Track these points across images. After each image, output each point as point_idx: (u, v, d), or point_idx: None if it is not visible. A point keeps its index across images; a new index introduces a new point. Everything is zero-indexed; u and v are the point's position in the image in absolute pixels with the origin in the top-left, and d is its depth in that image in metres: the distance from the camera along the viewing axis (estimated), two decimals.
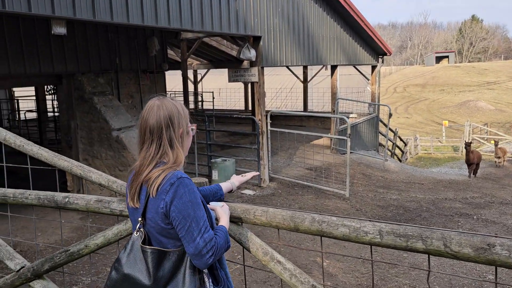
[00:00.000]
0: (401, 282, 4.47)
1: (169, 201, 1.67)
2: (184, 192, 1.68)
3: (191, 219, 1.67)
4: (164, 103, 1.80)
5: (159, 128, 1.76)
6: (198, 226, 1.68)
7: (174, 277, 1.73)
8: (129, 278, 1.75)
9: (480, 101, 41.03)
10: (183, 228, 1.67)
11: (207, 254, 1.68)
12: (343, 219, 1.87)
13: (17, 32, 7.00)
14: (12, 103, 16.97)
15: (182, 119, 1.81)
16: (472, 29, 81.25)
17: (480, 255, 1.52)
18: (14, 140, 2.93)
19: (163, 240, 1.75)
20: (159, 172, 1.72)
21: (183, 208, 1.66)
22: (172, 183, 1.68)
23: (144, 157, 1.77)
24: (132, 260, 1.76)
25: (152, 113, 1.78)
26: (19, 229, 6.52)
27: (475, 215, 7.64)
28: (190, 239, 1.67)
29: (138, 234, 1.78)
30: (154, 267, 1.72)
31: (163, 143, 1.76)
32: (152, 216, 1.73)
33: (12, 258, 3.08)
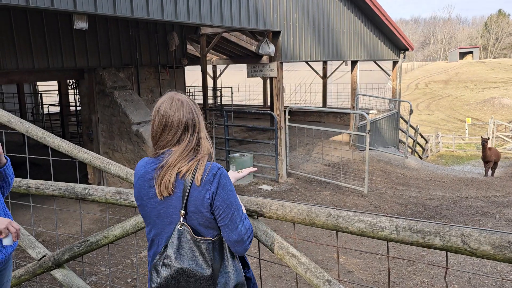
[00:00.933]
0: (419, 280, 4.41)
1: (214, 191, 1.71)
2: (226, 182, 1.74)
3: (233, 208, 1.74)
4: (183, 99, 1.83)
5: (193, 122, 1.79)
6: (239, 214, 1.76)
7: (223, 265, 1.79)
8: (185, 272, 1.74)
9: (505, 98, 39.98)
10: (227, 216, 1.73)
11: (247, 240, 1.77)
12: (359, 214, 1.86)
13: (41, 27, 7.15)
14: (36, 97, 17.36)
15: (200, 112, 1.87)
16: (498, 24, 79.14)
17: (500, 252, 1.48)
18: (36, 132, 3.00)
19: (203, 230, 1.77)
20: (195, 162, 1.74)
21: (226, 197, 1.72)
22: (214, 173, 1.72)
23: (183, 150, 1.75)
24: (184, 253, 1.75)
25: (179, 108, 1.78)
26: (42, 219, 6.68)
27: (497, 214, 7.47)
28: (233, 226, 1.74)
29: (182, 228, 1.76)
30: (211, 257, 1.75)
31: (196, 136, 1.79)
32: (195, 208, 1.73)
33: (34, 247, 3.16)
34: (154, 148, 1.84)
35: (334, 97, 18.78)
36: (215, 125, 9.34)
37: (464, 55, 66.98)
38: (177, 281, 1.75)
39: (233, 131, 14.16)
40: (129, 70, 8.74)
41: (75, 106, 13.79)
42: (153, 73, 9.32)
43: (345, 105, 17.73)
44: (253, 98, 21.97)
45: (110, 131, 8.29)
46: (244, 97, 21.69)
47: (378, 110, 15.27)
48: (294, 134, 11.69)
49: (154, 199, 1.79)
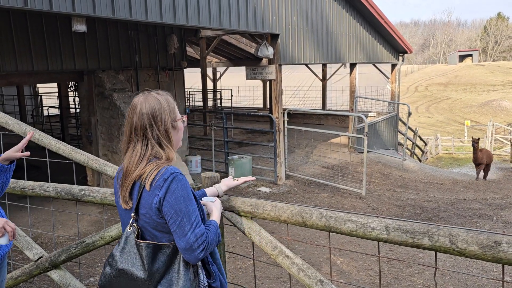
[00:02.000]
0: (415, 282, 4.43)
1: (162, 196, 1.68)
2: (176, 187, 1.69)
3: (182, 214, 1.68)
4: (148, 100, 1.78)
5: (143, 127, 1.75)
6: (190, 221, 1.69)
7: (169, 270, 1.75)
8: (124, 272, 1.76)
9: (504, 101, 40.04)
10: (175, 223, 1.69)
11: (198, 249, 1.70)
12: (351, 215, 1.88)
13: (41, 29, 7.18)
14: (36, 99, 17.40)
15: (166, 115, 1.79)
16: (498, 27, 79.27)
17: (486, 252, 1.51)
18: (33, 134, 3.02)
19: (157, 234, 1.76)
20: (152, 167, 1.72)
21: (175, 203, 1.68)
22: (165, 179, 1.69)
23: (131, 156, 1.76)
24: (126, 255, 1.77)
25: (136, 111, 1.77)
26: (40, 221, 6.70)
27: (494, 216, 7.49)
28: (182, 233, 1.69)
29: (131, 229, 1.78)
30: (149, 261, 1.73)
31: (150, 142, 1.76)
32: (145, 211, 1.74)
33: (31, 248, 3.18)
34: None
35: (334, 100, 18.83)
36: (214, 127, 9.37)
37: (464, 58, 67.08)
38: (118, 281, 1.77)
39: (233, 133, 14.19)
40: (129, 73, 8.77)
41: (74, 108, 13.82)
42: (152, 76, 9.35)
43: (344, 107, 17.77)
44: (253, 101, 22.01)
45: (109, 133, 8.32)
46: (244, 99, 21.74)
47: (377, 113, 15.30)
48: (293, 136, 11.72)
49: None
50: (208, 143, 10.90)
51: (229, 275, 4.60)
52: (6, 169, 2.31)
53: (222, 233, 2.48)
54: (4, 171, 2.30)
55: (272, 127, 8.99)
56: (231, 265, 4.92)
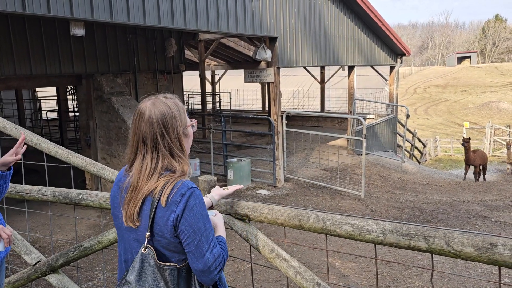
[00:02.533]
0: (413, 284, 4.43)
1: (180, 213, 1.53)
2: (195, 204, 1.55)
3: (201, 234, 1.55)
4: (157, 106, 1.61)
5: (153, 137, 1.58)
6: (208, 241, 1.56)
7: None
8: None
9: (502, 102, 40.12)
10: (192, 242, 1.54)
11: (215, 270, 1.57)
12: (347, 218, 1.88)
13: (39, 33, 7.20)
14: (35, 103, 17.40)
15: (177, 121, 1.62)
16: (496, 28, 79.50)
17: (482, 254, 1.51)
18: (31, 138, 3.02)
19: (167, 254, 1.60)
20: (166, 180, 1.56)
21: (193, 222, 1.53)
22: (183, 194, 1.54)
23: (140, 170, 1.59)
24: (145, 280, 1.58)
25: (144, 119, 1.59)
26: (39, 225, 6.69)
27: (493, 218, 7.49)
28: (199, 254, 1.54)
29: (147, 251, 1.59)
30: (175, 285, 1.58)
31: (161, 153, 1.59)
32: (159, 229, 1.57)
33: (28, 252, 3.18)
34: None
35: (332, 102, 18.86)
36: (212, 130, 9.37)
37: (462, 59, 67.23)
38: None
39: (232, 136, 14.20)
40: (127, 76, 8.79)
41: (73, 112, 13.82)
42: (150, 79, 9.37)
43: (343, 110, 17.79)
44: (251, 103, 22.03)
45: (108, 136, 8.32)
46: (243, 102, 21.76)
47: (376, 115, 15.32)
48: (292, 139, 11.73)
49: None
50: (207, 146, 10.91)
51: (227, 278, 4.60)
52: (2, 176, 2.23)
53: None
54: (1, 178, 2.24)
55: (270, 130, 9.00)
56: (229, 268, 4.92)
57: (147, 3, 5.56)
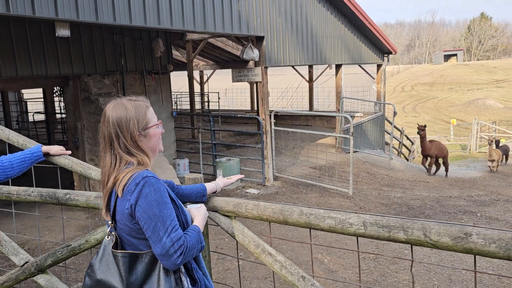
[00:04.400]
0: (400, 278, 4.50)
1: (134, 202, 1.64)
2: (149, 192, 1.63)
3: (156, 219, 1.62)
4: (115, 108, 1.74)
5: (109, 137, 1.72)
6: (165, 226, 1.63)
7: (149, 279, 1.71)
8: (102, 283, 1.73)
9: (488, 99, 40.71)
10: (149, 228, 1.63)
11: (175, 254, 1.63)
12: (330, 212, 1.93)
13: (24, 35, 7.14)
14: (21, 105, 17.22)
15: (133, 123, 1.72)
16: (481, 26, 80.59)
17: (458, 243, 1.57)
18: (17, 139, 3.02)
19: (134, 241, 1.72)
20: (125, 173, 1.69)
21: (148, 208, 1.62)
22: (137, 183, 1.64)
23: (104, 166, 1.75)
24: (104, 265, 1.74)
25: (104, 120, 1.75)
26: (28, 228, 6.65)
27: (478, 213, 7.63)
28: (157, 239, 1.63)
29: (109, 238, 1.75)
30: (126, 271, 1.69)
31: (116, 151, 1.72)
32: (120, 217, 1.70)
33: (16, 253, 3.18)
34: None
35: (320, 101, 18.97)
36: (201, 130, 9.39)
37: (449, 57, 68.05)
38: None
39: (221, 136, 14.21)
40: (114, 77, 8.76)
41: (60, 114, 13.72)
42: (138, 80, 9.34)
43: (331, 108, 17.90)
44: (240, 103, 22.06)
45: (96, 138, 8.28)
46: (232, 102, 21.78)
47: (364, 113, 15.46)
48: (280, 138, 11.78)
49: None
50: (196, 146, 10.92)
51: (217, 276, 4.63)
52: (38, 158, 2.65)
53: (206, 234, 2.52)
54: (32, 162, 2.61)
55: (259, 129, 9.04)
56: (219, 266, 4.95)
57: (132, 3, 5.56)
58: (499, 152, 14.12)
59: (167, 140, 9.75)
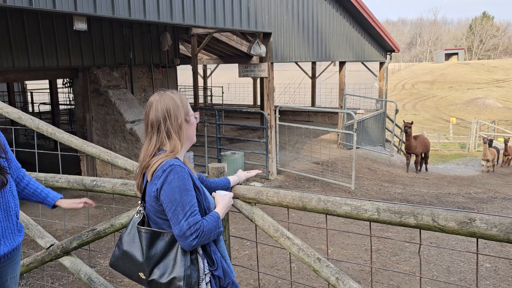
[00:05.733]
0: (401, 269, 4.70)
1: (159, 186, 1.85)
2: (173, 179, 1.84)
3: (176, 203, 1.83)
4: (163, 98, 1.96)
5: (157, 122, 1.94)
6: (184, 210, 1.83)
7: (167, 256, 1.91)
8: (127, 254, 1.97)
9: (488, 99, 40.89)
10: (170, 211, 1.84)
11: (191, 237, 1.83)
12: (346, 199, 2.12)
13: (37, 27, 7.30)
14: (25, 95, 17.35)
15: (180, 110, 1.96)
16: (483, 26, 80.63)
17: (463, 228, 1.76)
18: (46, 128, 3.20)
19: (158, 221, 1.94)
20: (156, 159, 1.91)
21: (170, 193, 1.83)
22: (164, 170, 1.85)
23: (147, 148, 1.96)
24: (131, 238, 1.98)
25: (152, 108, 1.96)
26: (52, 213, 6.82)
27: (476, 209, 7.84)
28: (176, 221, 1.83)
29: (138, 216, 2.00)
30: (147, 246, 1.92)
31: (161, 135, 1.94)
32: (148, 199, 1.94)
33: (42, 236, 3.36)
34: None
35: (323, 97, 19.16)
36: (207, 124, 9.56)
37: (450, 56, 68.16)
38: (123, 262, 2.00)
39: (224, 130, 14.39)
40: (123, 70, 8.92)
41: (66, 105, 13.87)
42: (146, 73, 9.51)
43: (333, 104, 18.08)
44: (243, 98, 22.22)
45: (104, 129, 8.46)
46: (234, 96, 21.94)
47: (366, 110, 15.65)
48: (283, 133, 11.97)
49: None
50: (201, 139, 11.10)
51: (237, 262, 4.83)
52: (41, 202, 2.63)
53: (226, 219, 2.71)
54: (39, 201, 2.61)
55: (263, 124, 9.22)
56: (239, 252, 5.16)
57: None
58: (494, 152, 13.82)
59: None
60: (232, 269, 2.19)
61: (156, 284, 1.91)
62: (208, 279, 1.97)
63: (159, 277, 1.91)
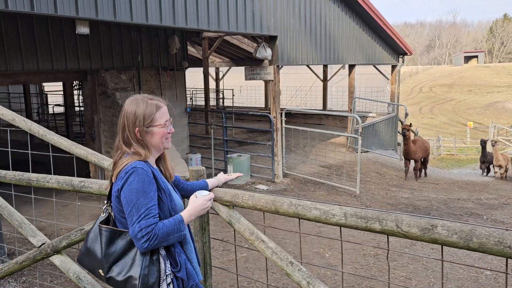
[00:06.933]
0: (398, 274, 4.65)
1: (120, 187, 1.92)
2: (133, 180, 1.89)
3: (132, 205, 1.87)
4: (131, 102, 2.02)
5: (121, 125, 2.03)
6: (138, 212, 1.86)
7: (126, 254, 1.96)
8: (89, 251, 2.05)
9: (508, 102, 40.04)
10: (126, 211, 1.90)
11: (142, 239, 1.85)
12: (316, 203, 2.12)
13: (46, 31, 7.46)
14: (42, 97, 17.74)
15: (138, 119, 1.97)
16: (504, 28, 79.06)
17: (425, 234, 1.74)
18: (38, 130, 3.28)
19: (122, 220, 1.99)
20: (122, 161, 1.97)
21: (128, 194, 1.88)
22: (127, 172, 1.91)
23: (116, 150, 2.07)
24: (94, 236, 2.06)
25: (121, 113, 2.05)
26: (44, 215, 6.97)
27: (485, 216, 7.68)
28: (130, 222, 1.89)
29: (103, 215, 2.08)
30: (106, 244, 1.99)
31: (123, 141, 2.02)
32: (112, 198, 2.02)
33: (34, 235, 3.44)
34: None
35: (334, 100, 19.06)
36: (213, 126, 9.62)
37: (469, 59, 67.04)
38: (87, 258, 2.07)
39: (234, 133, 14.44)
40: (131, 72, 9.04)
41: (79, 107, 14.13)
42: (154, 75, 9.61)
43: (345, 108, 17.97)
44: (255, 100, 22.27)
45: (112, 131, 8.59)
46: (246, 99, 22.00)
47: (377, 114, 15.50)
48: (292, 136, 11.94)
49: None
50: (209, 141, 11.16)
51: (222, 266, 4.84)
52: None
53: (207, 221, 2.73)
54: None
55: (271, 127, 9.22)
56: (224, 257, 5.17)
57: (149, 3, 5.80)
58: (507, 157, 13.18)
59: (180, 135, 10.01)
60: (199, 271, 2.19)
61: (113, 282, 1.96)
62: (170, 280, 1.99)
63: (117, 274, 1.96)
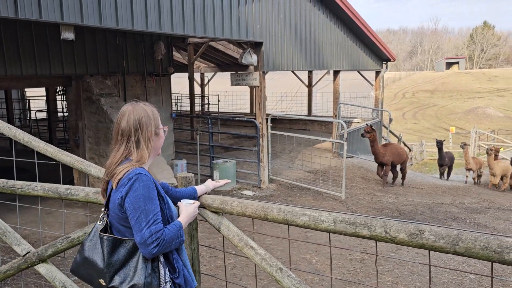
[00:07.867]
0: (384, 279, 4.69)
1: (124, 194, 1.89)
2: (139, 187, 1.88)
3: (140, 211, 1.86)
4: (136, 108, 2.03)
5: (128, 131, 1.99)
6: (147, 218, 1.86)
7: (128, 263, 1.94)
8: (88, 260, 2.01)
9: (488, 108, 40.89)
10: (133, 218, 1.87)
11: (152, 245, 1.86)
12: (305, 210, 2.13)
13: (30, 36, 7.36)
14: (24, 102, 17.45)
15: (151, 122, 2.03)
16: (484, 35, 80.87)
17: (413, 239, 1.77)
18: (23, 137, 3.23)
19: (121, 228, 1.98)
20: (122, 167, 1.95)
21: (135, 201, 1.87)
22: (130, 178, 1.89)
23: (114, 156, 2.01)
24: (92, 245, 2.02)
25: (124, 117, 2.01)
26: (28, 223, 6.85)
27: (468, 219, 7.82)
28: (138, 229, 1.86)
29: (101, 223, 2.04)
30: (108, 253, 1.95)
31: (130, 144, 1.99)
32: (112, 206, 1.98)
33: (19, 243, 3.37)
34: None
35: (319, 106, 19.21)
36: (199, 132, 9.59)
37: (450, 65, 68.31)
38: (84, 268, 2.04)
39: (220, 138, 14.42)
40: (116, 78, 8.98)
41: (62, 112, 13.94)
42: (139, 81, 9.56)
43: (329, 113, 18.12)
44: (240, 106, 22.29)
45: (97, 137, 8.50)
46: (232, 104, 22.01)
47: (362, 119, 15.67)
48: (278, 142, 11.99)
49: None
50: (195, 147, 11.12)
51: (209, 272, 4.82)
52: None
53: (195, 228, 2.72)
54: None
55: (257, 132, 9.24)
56: (212, 263, 5.15)
57: (135, 8, 5.78)
58: (480, 161, 12.79)
59: (166, 141, 9.92)
60: (194, 278, 2.21)
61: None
62: (169, 286, 2.00)
63: (120, 283, 1.94)
